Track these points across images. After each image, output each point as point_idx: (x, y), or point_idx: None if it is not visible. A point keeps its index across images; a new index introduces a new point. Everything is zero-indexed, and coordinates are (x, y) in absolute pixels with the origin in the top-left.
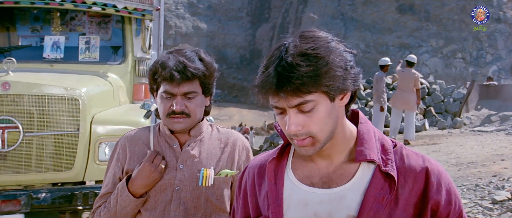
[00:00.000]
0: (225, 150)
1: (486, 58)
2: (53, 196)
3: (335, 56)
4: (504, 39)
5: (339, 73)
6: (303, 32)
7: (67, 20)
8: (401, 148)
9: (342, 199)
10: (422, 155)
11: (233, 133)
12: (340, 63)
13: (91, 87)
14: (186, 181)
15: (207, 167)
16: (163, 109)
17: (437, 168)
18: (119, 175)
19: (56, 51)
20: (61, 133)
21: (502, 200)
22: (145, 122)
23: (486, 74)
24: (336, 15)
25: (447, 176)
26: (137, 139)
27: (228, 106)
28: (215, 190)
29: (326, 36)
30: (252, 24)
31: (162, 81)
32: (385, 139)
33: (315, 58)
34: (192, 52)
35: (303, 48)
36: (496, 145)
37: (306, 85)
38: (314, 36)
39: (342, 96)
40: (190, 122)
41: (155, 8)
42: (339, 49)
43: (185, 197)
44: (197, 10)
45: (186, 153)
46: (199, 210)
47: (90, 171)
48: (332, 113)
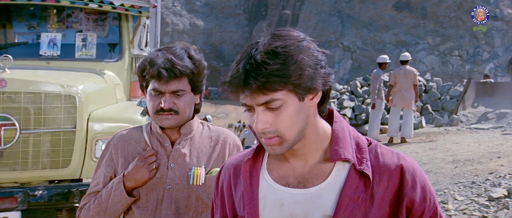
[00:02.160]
0: (215, 148)
1: (483, 55)
2: (50, 194)
3: (304, 56)
4: (501, 36)
5: (307, 73)
6: (277, 30)
7: (64, 17)
8: (376, 146)
9: (318, 198)
10: (397, 152)
11: (223, 131)
12: (309, 63)
13: (88, 84)
14: (177, 180)
15: (198, 165)
16: (152, 106)
17: (412, 165)
18: (110, 174)
19: (52, 48)
20: (58, 130)
21: (499, 197)
22: (142, 119)
23: (482, 72)
24: (333, 12)
25: (422, 173)
26: (130, 139)
27: (225, 104)
28: (206, 189)
29: (298, 35)
30: (249, 21)
31: (150, 78)
32: (360, 138)
33: (283, 56)
34: (182, 50)
35: (272, 46)
36: (493, 142)
37: (272, 83)
38: (286, 35)
39: (313, 96)
40: (179, 119)
41: (152, 5)
42: (310, 49)
43: (176, 196)
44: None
45: (177, 151)
46: (190, 208)
47: (87, 168)
48: (301, 112)
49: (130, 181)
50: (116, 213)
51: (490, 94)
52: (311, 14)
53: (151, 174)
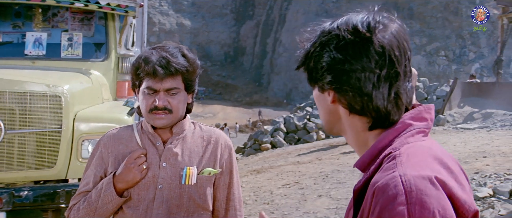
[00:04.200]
0: (207, 148)
1: (469, 56)
2: (35, 194)
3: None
4: (486, 37)
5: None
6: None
7: (49, 17)
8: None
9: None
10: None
11: (215, 131)
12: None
13: (74, 84)
14: (169, 179)
15: (189, 165)
16: (145, 104)
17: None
18: (100, 174)
19: (38, 48)
20: (44, 130)
21: (484, 197)
22: (128, 119)
23: (469, 72)
24: (320, 13)
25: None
26: (120, 138)
27: (212, 104)
28: (198, 189)
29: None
30: (236, 21)
31: (145, 76)
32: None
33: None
34: (175, 48)
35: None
36: (479, 142)
37: None
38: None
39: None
40: (172, 118)
41: (139, 4)
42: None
43: (168, 195)
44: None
45: (169, 150)
46: (181, 208)
47: (73, 169)
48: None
49: (122, 183)
50: (107, 213)
51: (476, 95)
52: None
53: (142, 175)
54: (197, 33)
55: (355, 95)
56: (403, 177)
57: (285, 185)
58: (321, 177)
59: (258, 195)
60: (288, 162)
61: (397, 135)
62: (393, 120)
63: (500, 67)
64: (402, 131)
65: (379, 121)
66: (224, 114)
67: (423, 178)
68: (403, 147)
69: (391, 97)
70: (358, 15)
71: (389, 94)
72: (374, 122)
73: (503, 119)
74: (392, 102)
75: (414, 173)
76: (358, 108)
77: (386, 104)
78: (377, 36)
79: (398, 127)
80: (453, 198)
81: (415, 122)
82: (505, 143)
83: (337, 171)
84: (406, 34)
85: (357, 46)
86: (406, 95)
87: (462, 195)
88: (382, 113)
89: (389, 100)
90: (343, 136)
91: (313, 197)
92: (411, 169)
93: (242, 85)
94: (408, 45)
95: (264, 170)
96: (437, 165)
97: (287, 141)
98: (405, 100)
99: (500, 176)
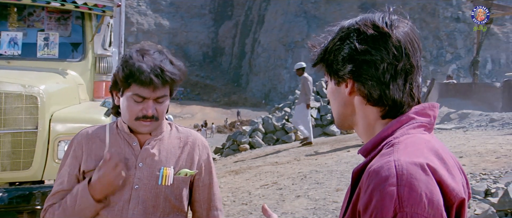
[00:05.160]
0: (184, 149)
1: (446, 57)
2: (10, 196)
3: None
4: (463, 38)
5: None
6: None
7: (25, 16)
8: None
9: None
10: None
11: (192, 132)
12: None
13: (50, 84)
14: (145, 180)
15: (166, 165)
16: (131, 111)
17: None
18: (75, 172)
19: (13, 48)
20: (19, 131)
21: None
22: (105, 119)
23: (446, 73)
24: (299, 13)
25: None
26: (94, 137)
27: (190, 104)
28: (174, 190)
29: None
30: (215, 22)
31: (137, 84)
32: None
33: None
34: (161, 55)
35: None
36: (455, 142)
37: None
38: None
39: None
40: (157, 125)
41: (116, 4)
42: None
43: (144, 196)
44: (159, 7)
45: (146, 151)
46: (157, 209)
47: (49, 170)
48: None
49: (100, 194)
50: (84, 217)
51: (453, 95)
52: (277, 15)
53: (122, 180)
54: (175, 33)
55: (374, 84)
56: (396, 161)
57: (264, 185)
58: (299, 178)
59: (236, 195)
60: (267, 163)
61: (400, 126)
62: (404, 111)
63: (476, 68)
64: (405, 123)
65: (393, 110)
66: (202, 115)
67: (415, 164)
68: (403, 136)
69: (406, 88)
70: (375, 15)
71: (404, 85)
72: (388, 111)
73: (479, 119)
74: (407, 93)
75: (407, 159)
76: (376, 97)
77: (402, 95)
78: (394, 32)
79: (402, 119)
80: (442, 185)
81: (418, 116)
82: (481, 143)
83: (315, 172)
84: (417, 34)
85: (376, 39)
86: (417, 88)
87: (451, 183)
88: (397, 102)
89: (404, 91)
90: (354, 128)
91: (291, 198)
92: (406, 155)
93: (220, 85)
94: (419, 43)
95: (242, 170)
96: (432, 155)
97: (266, 142)
98: (416, 93)
99: (476, 176)
